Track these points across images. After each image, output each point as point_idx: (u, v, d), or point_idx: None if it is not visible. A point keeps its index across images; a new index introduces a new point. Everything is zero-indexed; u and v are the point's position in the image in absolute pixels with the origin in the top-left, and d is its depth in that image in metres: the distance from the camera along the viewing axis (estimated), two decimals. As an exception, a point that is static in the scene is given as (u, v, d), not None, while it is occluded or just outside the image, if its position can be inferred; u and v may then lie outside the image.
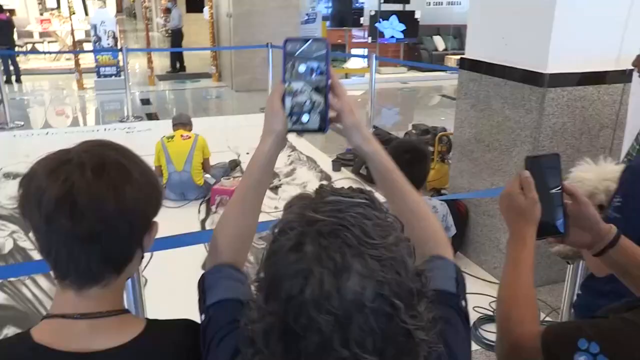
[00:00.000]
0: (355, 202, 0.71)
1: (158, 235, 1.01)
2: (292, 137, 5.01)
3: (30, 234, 4.19)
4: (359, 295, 0.64)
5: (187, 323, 0.97)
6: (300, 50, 0.88)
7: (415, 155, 2.39)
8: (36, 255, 3.79)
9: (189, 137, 4.80)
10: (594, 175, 1.47)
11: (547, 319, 3.10)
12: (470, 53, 3.59)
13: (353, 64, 11.65)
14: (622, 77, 3.11)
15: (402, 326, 0.67)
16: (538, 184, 1.01)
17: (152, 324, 0.92)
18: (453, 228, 2.35)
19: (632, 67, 2.83)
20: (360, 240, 0.67)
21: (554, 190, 1.02)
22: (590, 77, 3.08)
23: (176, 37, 12.12)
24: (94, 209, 0.80)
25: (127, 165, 0.85)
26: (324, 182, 5.28)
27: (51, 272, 0.87)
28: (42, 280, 3.44)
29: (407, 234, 0.78)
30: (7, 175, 5.37)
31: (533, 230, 1.00)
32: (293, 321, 0.66)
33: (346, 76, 11.52)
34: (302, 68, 0.88)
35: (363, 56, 11.43)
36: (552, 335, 0.87)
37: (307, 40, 0.87)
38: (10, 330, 2.95)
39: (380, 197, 0.79)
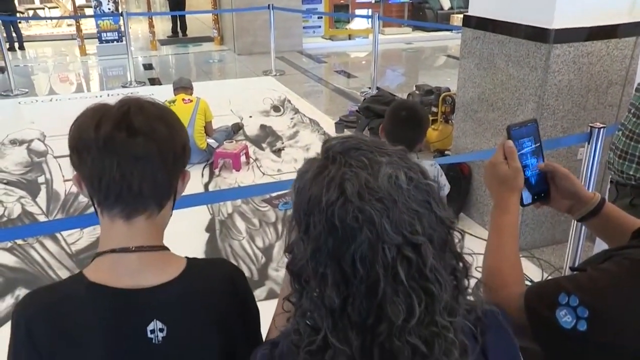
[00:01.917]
0: (362, 135, 0.77)
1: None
2: (295, 100, 4.96)
3: (38, 199, 4.22)
4: (394, 178, 0.68)
5: (223, 260, 1.08)
6: None
7: (411, 114, 2.31)
8: (43, 220, 3.84)
9: (191, 101, 4.77)
10: None
11: (549, 278, 3.13)
12: (474, 10, 3.52)
13: (356, 24, 11.45)
14: (635, 29, 2.99)
15: (438, 214, 0.70)
16: (519, 152, 1.03)
17: (193, 262, 0.97)
18: (446, 188, 2.34)
19: None
20: (379, 147, 0.72)
21: (534, 157, 1.04)
22: (599, 31, 2.99)
23: (174, 1, 11.74)
24: (149, 129, 0.87)
25: (169, 108, 0.96)
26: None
27: (96, 210, 0.92)
28: (50, 243, 3.50)
29: None
30: (13, 142, 5.39)
31: (517, 198, 1.02)
32: (341, 224, 0.66)
33: (349, 37, 11.34)
34: None
35: (367, 16, 11.21)
36: (533, 294, 0.88)
37: None
38: (21, 292, 3.01)
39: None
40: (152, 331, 0.88)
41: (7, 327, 1.62)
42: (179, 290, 0.91)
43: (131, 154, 0.85)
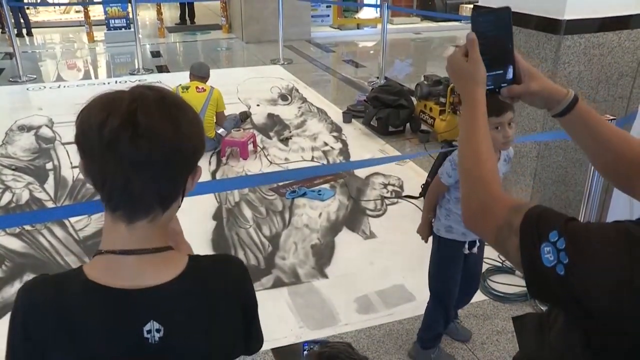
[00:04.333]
0: None
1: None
2: (302, 89, 4.94)
3: (46, 185, 4.25)
4: None
5: (228, 258, 1.04)
6: None
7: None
8: (51, 206, 3.87)
9: (204, 90, 4.76)
10: None
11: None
12: (484, 0, 3.48)
13: (365, 14, 11.38)
14: (649, 20, 2.96)
15: None
16: (487, 41, 1.01)
17: (195, 260, 0.96)
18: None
19: None
20: None
21: (504, 46, 1.03)
22: (611, 22, 2.95)
23: None
24: (154, 133, 0.82)
25: (182, 102, 0.91)
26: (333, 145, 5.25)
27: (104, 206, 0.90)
28: (57, 230, 3.52)
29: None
30: (22, 128, 5.41)
31: (482, 89, 1.00)
32: None
33: (358, 27, 11.28)
34: None
35: (375, 6, 11.14)
36: (535, 217, 0.83)
37: None
38: (29, 277, 3.02)
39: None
40: (149, 331, 0.88)
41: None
42: (177, 290, 0.90)
43: (134, 159, 0.82)
